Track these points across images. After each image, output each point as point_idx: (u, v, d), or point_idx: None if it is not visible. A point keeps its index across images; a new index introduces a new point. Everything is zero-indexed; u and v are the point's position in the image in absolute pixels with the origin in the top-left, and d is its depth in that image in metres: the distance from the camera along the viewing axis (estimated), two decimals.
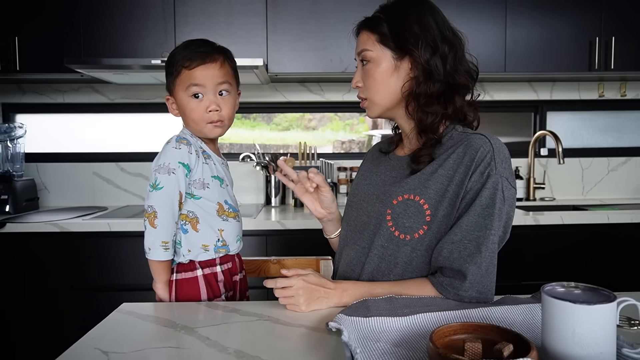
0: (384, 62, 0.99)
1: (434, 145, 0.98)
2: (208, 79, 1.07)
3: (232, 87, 1.12)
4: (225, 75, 1.10)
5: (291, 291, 0.90)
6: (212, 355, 0.71)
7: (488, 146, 0.92)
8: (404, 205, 0.95)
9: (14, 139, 2.32)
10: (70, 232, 1.96)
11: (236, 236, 1.16)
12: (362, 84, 1.04)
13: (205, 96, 1.08)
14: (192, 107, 1.09)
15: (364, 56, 1.02)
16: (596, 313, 0.57)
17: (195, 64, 1.06)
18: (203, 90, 1.07)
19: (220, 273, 1.13)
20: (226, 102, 1.10)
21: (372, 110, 1.05)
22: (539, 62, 2.25)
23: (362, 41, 1.03)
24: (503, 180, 0.90)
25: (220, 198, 1.14)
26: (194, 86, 1.07)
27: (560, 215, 2.03)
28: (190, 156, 1.09)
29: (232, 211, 1.16)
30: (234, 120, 1.16)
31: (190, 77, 1.07)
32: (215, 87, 1.08)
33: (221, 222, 1.13)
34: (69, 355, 0.72)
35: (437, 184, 0.94)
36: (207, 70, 1.07)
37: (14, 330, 2.00)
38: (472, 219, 0.89)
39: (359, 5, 2.15)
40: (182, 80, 1.08)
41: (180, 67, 1.07)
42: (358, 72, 1.05)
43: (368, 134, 2.77)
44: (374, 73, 1.00)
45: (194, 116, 1.09)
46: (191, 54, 1.07)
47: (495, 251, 0.91)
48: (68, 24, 2.14)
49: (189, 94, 1.08)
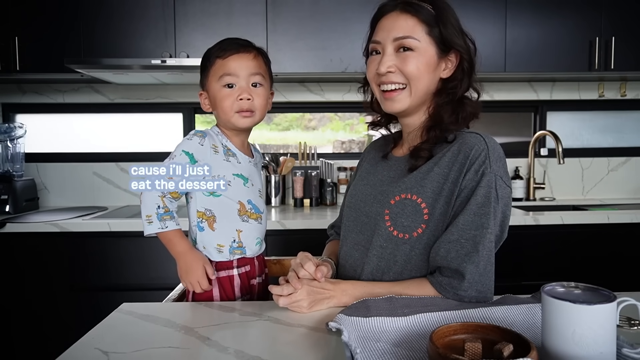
0: (428, 55, 0.97)
1: (437, 142, 0.98)
2: (241, 69, 1.07)
3: (266, 81, 1.11)
4: (259, 67, 1.09)
5: (296, 296, 0.90)
6: (212, 355, 0.71)
7: (482, 144, 0.92)
8: (402, 205, 0.96)
9: (14, 139, 2.32)
10: (70, 232, 1.96)
11: (256, 238, 1.13)
12: (395, 70, 0.97)
13: (237, 85, 1.07)
14: (224, 95, 1.08)
15: (408, 44, 0.96)
16: (596, 313, 0.57)
17: (229, 53, 1.06)
18: (236, 80, 1.07)
19: (237, 277, 1.10)
20: (259, 94, 1.09)
21: (405, 101, 0.99)
22: (539, 62, 2.25)
23: (404, 27, 0.96)
24: (497, 179, 0.90)
25: (243, 197, 1.11)
26: (227, 76, 1.06)
27: (560, 215, 2.03)
28: (200, 147, 1.05)
29: (254, 212, 1.12)
30: (264, 116, 1.14)
31: (223, 66, 1.07)
32: (248, 78, 1.07)
33: (240, 223, 1.10)
34: (69, 355, 0.72)
35: (433, 182, 0.94)
36: (241, 60, 1.07)
37: (14, 330, 2.00)
38: (468, 217, 0.89)
39: (359, 5, 2.15)
40: (216, 71, 1.08)
41: (215, 58, 1.08)
42: (391, 56, 0.97)
43: (368, 134, 2.77)
44: (419, 63, 0.96)
45: (224, 104, 1.08)
46: (226, 45, 1.08)
47: (492, 250, 0.91)
48: (68, 24, 2.14)
49: (222, 84, 1.07)
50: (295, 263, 0.97)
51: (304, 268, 0.94)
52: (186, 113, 2.60)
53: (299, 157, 2.55)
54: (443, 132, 0.98)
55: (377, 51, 1.01)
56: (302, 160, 2.54)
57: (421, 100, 1.01)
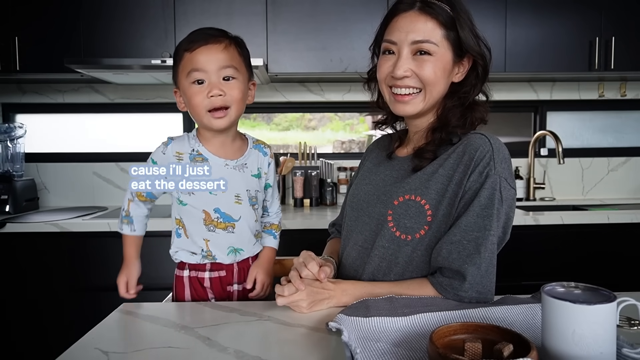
0: (445, 60, 0.96)
1: (442, 144, 0.98)
2: (210, 62, 0.98)
3: (240, 73, 1.03)
4: (231, 59, 1.00)
5: (296, 296, 0.89)
6: (212, 355, 0.71)
7: (487, 146, 0.91)
8: (405, 206, 0.95)
9: (14, 139, 2.32)
10: (70, 232, 1.96)
11: (227, 248, 1.08)
12: (411, 74, 0.95)
13: (207, 81, 0.99)
14: (193, 93, 1.00)
15: (427, 48, 0.93)
16: (596, 313, 0.57)
17: (197, 46, 0.98)
18: (205, 75, 0.99)
19: (208, 280, 1.09)
20: (232, 87, 1.01)
21: (418, 105, 0.98)
22: (539, 62, 2.25)
23: (425, 29, 0.93)
24: (502, 181, 0.90)
25: (208, 206, 1.06)
26: (195, 71, 0.99)
27: (560, 215, 2.03)
28: (162, 156, 1.06)
29: (222, 221, 1.06)
30: (243, 110, 1.05)
31: (191, 61, 0.99)
32: (219, 71, 0.99)
33: (207, 232, 1.06)
34: (69, 355, 0.72)
35: (437, 184, 0.93)
36: (210, 53, 0.98)
37: (14, 330, 2.00)
38: (470, 219, 0.89)
39: (359, 5, 2.15)
40: (184, 66, 1.00)
41: (182, 51, 1.00)
42: (407, 60, 0.95)
43: (368, 134, 2.77)
44: (436, 69, 0.94)
45: (194, 102, 1.00)
46: (194, 37, 1.00)
47: (494, 252, 0.90)
48: (68, 24, 2.14)
49: (191, 80, 1.00)
50: (298, 262, 0.96)
51: (307, 268, 0.93)
52: (186, 113, 2.60)
53: (299, 157, 2.55)
54: (448, 135, 0.97)
55: (391, 51, 0.97)
56: (302, 160, 2.54)
57: (434, 103, 1.00)
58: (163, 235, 1.92)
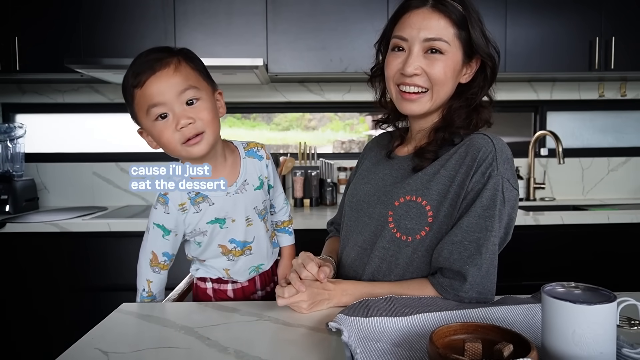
0: (455, 59, 0.94)
1: (443, 144, 0.97)
2: (166, 92, 0.87)
3: (201, 90, 0.92)
4: (186, 80, 0.89)
5: (296, 298, 0.89)
6: (212, 355, 0.71)
7: (490, 146, 0.90)
8: (406, 207, 0.94)
9: (14, 139, 2.32)
10: (70, 232, 1.96)
11: (247, 270, 1.08)
12: (421, 72, 0.93)
13: (170, 113, 0.89)
14: (160, 130, 0.89)
15: (438, 46, 0.92)
16: (596, 313, 0.57)
17: (145, 77, 0.87)
18: (165, 108, 0.88)
19: (231, 291, 1.10)
20: (199, 110, 0.90)
21: (425, 105, 0.96)
22: (539, 62, 2.25)
23: (437, 27, 0.92)
24: (504, 182, 0.89)
25: (223, 240, 1.03)
26: (153, 107, 0.88)
27: (560, 215, 2.03)
28: (167, 217, 0.98)
29: (239, 249, 1.05)
30: (219, 127, 0.96)
31: (144, 97, 0.87)
32: (178, 98, 0.88)
33: (227, 262, 1.06)
34: (69, 355, 0.72)
35: (439, 185, 0.93)
36: (161, 82, 0.87)
37: (15, 330, 2.00)
38: (472, 220, 0.88)
39: (359, 5, 2.15)
40: (139, 105, 0.89)
41: (132, 89, 0.89)
42: (418, 57, 0.93)
43: (368, 134, 2.77)
44: (446, 68, 0.93)
45: (164, 139, 0.90)
46: (138, 68, 0.88)
47: (495, 252, 0.90)
48: (68, 24, 2.14)
49: (153, 118, 0.89)
50: (297, 263, 0.95)
51: (306, 269, 0.92)
52: None
53: (299, 157, 2.55)
54: (451, 135, 0.97)
55: (401, 48, 0.95)
56: (302, 160, 2.54)
57: (440, 104, 0.99)
58: None
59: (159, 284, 1.06)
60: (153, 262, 1.03)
